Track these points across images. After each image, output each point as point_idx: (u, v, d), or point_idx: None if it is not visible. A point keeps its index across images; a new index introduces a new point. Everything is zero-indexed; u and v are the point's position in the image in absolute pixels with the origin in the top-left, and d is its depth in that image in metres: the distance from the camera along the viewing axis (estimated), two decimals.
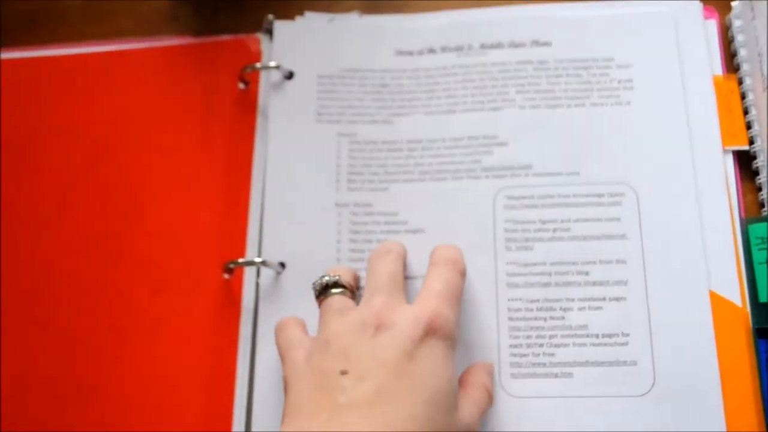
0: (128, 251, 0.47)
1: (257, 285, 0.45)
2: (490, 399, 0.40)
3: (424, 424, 0.34)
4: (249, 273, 0.45)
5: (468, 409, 0.38)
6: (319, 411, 0.35)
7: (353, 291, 0.41)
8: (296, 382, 0.37)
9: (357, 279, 0.43)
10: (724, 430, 0.40)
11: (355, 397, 0.34)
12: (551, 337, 0.42)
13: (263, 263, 0.44)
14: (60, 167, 0.49)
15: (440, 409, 0.35)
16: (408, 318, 0.37)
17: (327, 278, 0.41)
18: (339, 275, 0.41)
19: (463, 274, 0.41)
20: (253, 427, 0.43)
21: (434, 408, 0.35)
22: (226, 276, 0.45)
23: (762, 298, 0.42)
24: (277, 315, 0.44)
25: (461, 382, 0.39)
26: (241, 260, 0.45)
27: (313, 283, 0.41)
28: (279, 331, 0.41)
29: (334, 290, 0.40)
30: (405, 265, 0.43)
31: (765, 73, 0.45)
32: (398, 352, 0.36)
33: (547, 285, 0.43)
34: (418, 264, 0.44)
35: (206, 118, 0.49)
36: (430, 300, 0.38)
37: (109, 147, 0.49)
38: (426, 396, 0.35)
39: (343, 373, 0.35)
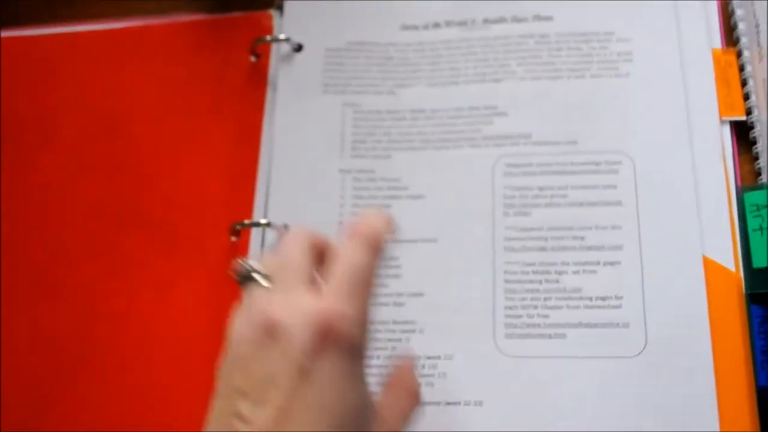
0: (140, 216, 0.49)
1: (263, 247, 0.47)
2: (417, 400, 0.35)
3: None
4: (255, 235, 0.47)
5: (387, 420, 0.33)
6: None
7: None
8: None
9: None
10: (714, 392, 0.40)
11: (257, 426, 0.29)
12: (546, 299, 0.43)
13: (268, 225, 0.46)
14: (75, 137, 0.51)
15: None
16: (298, 318, 0.30)
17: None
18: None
19: (376, 249, 0.33)
20: None
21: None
22: (233, 239, 0.47)
23: (756, 264, 0.42)
24: None
25: (385, 384, 0.35)
26: (247, 222, 0.47)
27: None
28: None
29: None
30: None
31: (761, 44, 0.45)
32: (291, 369, 0.29)
33: (543, 249, 0.44)
34: (416, 228, 0.45)
35: (219, 89, 0.51)
36: (328, 294, 0.31)
37: (124, 117, 0.51)
38: (330, 421, 0.29)
39: (243, 394, 0.30)
